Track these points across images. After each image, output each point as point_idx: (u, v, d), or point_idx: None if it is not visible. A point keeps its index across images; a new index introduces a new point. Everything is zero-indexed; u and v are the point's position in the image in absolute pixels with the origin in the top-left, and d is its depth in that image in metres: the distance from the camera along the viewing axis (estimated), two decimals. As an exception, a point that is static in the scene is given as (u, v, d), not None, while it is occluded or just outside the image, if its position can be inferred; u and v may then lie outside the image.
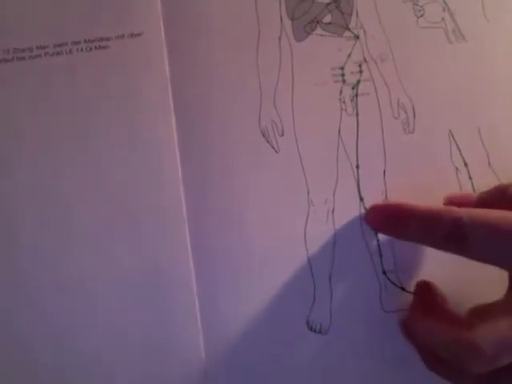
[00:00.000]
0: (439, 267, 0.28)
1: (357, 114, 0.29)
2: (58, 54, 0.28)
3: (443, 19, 0.30)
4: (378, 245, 0.29)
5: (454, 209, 0.24)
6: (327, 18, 0.30)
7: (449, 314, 0.25)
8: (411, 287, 0.29)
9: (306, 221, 0.28)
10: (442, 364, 0.25)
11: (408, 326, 0.27)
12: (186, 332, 0.28)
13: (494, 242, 0.23)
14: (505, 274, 0.25)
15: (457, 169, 0.29)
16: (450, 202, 0.28)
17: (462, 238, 0.23)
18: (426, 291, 0.28)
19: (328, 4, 0.30)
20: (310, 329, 0.28)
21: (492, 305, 0.23)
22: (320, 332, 0.28)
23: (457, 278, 0.28)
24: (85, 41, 0.28)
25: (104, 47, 0.28)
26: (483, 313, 0.23)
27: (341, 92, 0.29)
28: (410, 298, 0.28)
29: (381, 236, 0.29)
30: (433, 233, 0.24)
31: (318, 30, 0.29)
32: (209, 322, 0.28)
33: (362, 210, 0.29)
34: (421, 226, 0.25)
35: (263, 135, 0.28)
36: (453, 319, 0.24)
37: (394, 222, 0.27)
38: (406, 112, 0.29)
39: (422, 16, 0.30)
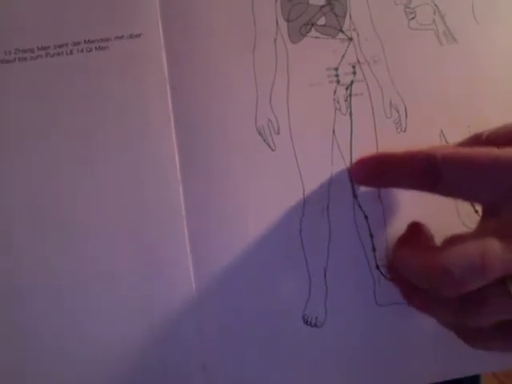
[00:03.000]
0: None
1: (350, 114, 0.30)
2: (58, 54, 0.29)
3: (434, 21, 0.31)
4: (372, 240, 0.29)
5: (429, 148, 0.25)
6: (321, 21, 0.30)
7: (426, 245, 0.26)
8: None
9: (302, 217, 0.29)
10: (419, 295, 0.26)
11: (389, 261, 0.28)
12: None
13: (466, 175, 0.23)
14: None
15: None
16: None
17: (436, 173, 0.24)
18: (414, 230, 0.28)
19: (322, 7, 0.30)
20: (306, 322, 0.29)
21: (464, 233, 0.24)
22: (315, 325, 0.29)
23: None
24: (85, 41, 0.29)
25: (103, 48, 0.29)
26: (455, 239, 0.24)
27: (335, 92, 0.30)
28: (402, 292, 0.29)
29: (374, 231, 0.29)
30: (409, 172, 0.25)
31: (313, 32, 0.30)
32: (206, 319, 0.28)
33: (356, 207, 0.29)
34: (398, 167, 0.26)
35: (260, 134, 0.29)
36: (428, 248, 0.25)
37: (375, 169, 0.28)
38: (398, 112, 0.30)
39: (413, 18, 0.31)
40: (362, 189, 0.29)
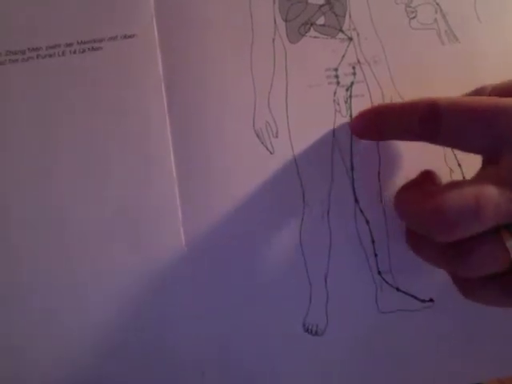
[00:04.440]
0: (434, 267, 0.28)
1: (351, 116, 0.29)
2: (50, 56, 0.28)
3: (436, 20, 0.30)
4: (374, 246, 0.29)
5: (430, 97, 0.25)
6: (321, 20, 0.30)
7: (425, 190, 0.25)
8: (406, 287, 0.29)
9: (302, 222, 0.28)
10: (418, 240, 0.25)
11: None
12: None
13: (468, 123, 0.23)
14: None
15: (451, 169, 0.29)
16: None
17: (437, 121, 0.24)
18: (421, 177, 0.27)
19: (321, 6, 0.30)
20: (307, 331, 0.28)
21: (462, 180, 0.24)
22: (316, 334, 0.28)
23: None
24: (78, 42, 0.28)
25: (97, 49, 0.28)
26: (451, 184, 0.23)
27: (335, 93, 0.29)
28: (405, 298, 0.29)
29: (376, 237, 0.29)
30: (409, 118, 0.25)
31: (312, 32, 0.29)
32: (201, 319, 0.28)
33: (358, 212, 0.29)
34: (398, 116, 0.26)
35: (258, 136, 0.28)
36: (425, 192, 0.25)
37: (375, 118, 0.27)
38: (399, 113, 0.29)
39: (414, 17, 0.30)
40: (364, 193, 0.29)
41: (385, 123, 0.27)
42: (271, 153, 0.29)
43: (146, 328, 0.28)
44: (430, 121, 0.24)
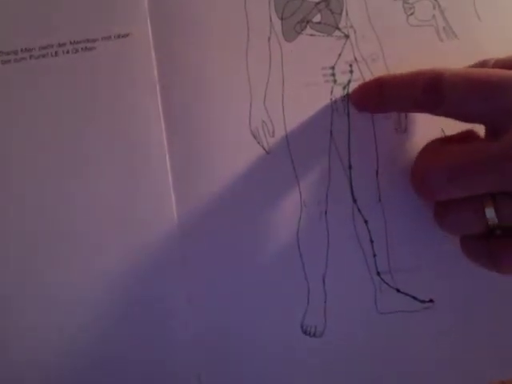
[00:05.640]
0: (434, 268, 0.28)
1: (348, 115, 0.29)
2: (43, 56, 0.28)
3: (434, 17, 0.30)
4: (372, 245, 0.28)
5: (435, 67, 0.25)
6: (317, 18, 0.29)
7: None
8: (406, 288, 0.28)
9: (299, 222, 0.28)
10: None
11: None
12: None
13: (471, 93, 0.23)
14: None
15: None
16: None
17: (441, 91, 0.24)
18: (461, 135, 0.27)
19: (317, 3, 0.29)
20: (305, 332, 0.28)
21: (461, 145, 0.25)
22: (314, 335, 0.28)
23: (452, 277, 0.28)
24: (71, 42, 0.28)
25: (90, 49, 0.28)
26: (445, 150, 0.25)
27: (332, 92, 0.29)
28: (404, 299, 0.28)
29: (375, 237, 0.28)
30: (412, 88, 0.25)
31: (308, 30, 0.29)
32: (199, 327, 0.27)
33: (356, 211, 0.28)
34: (401, 85, 0.26)
35: (254, 136, 0.28)
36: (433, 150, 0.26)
37: (377, 88, 0.27)
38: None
39: (412, 14, 0.30)
40: (362, 192, 0.28)
41: (387, 93, 0.27)
42: (267, 152, 0.28)
43: (140, 317, 0.27)
44: (433, 91, 0.24)
